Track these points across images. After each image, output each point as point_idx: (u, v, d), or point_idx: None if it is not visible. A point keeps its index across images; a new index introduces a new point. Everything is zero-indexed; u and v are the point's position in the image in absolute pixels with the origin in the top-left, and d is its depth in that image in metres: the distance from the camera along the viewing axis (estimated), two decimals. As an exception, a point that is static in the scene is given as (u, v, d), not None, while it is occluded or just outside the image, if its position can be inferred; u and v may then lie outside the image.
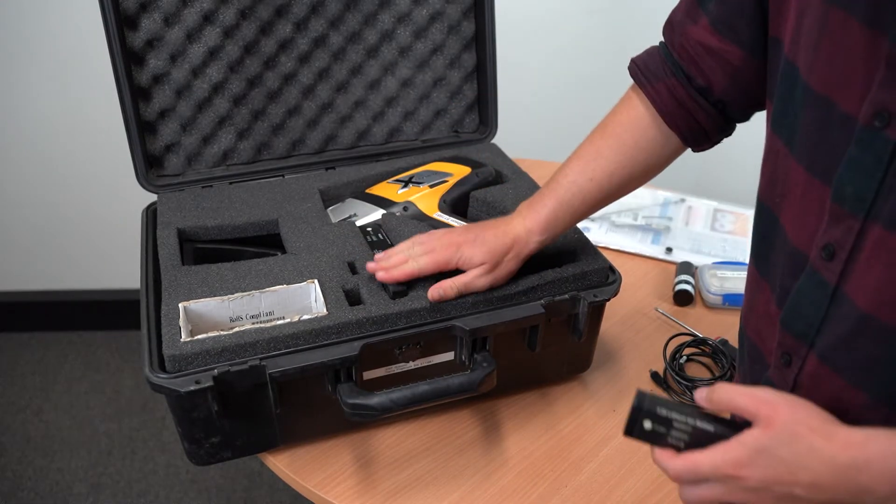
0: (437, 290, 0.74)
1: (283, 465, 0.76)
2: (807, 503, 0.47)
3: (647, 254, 1.12)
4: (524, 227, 0.75)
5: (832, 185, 0.49)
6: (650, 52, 0.73)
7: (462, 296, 0.75)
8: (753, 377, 0.62)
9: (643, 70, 0.72)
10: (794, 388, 0.54)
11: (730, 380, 0.88)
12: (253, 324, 0.74)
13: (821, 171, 0.51)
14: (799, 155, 0.53)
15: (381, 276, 0.75)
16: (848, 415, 0.49)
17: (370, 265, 0.77)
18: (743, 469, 0.48)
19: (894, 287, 0.47)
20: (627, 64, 0.77)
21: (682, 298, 1.01)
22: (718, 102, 0.67)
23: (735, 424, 0.51)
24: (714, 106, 0.67)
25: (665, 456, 0.51)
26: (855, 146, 0.47)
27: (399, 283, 0.75)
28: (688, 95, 0.68)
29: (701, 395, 0.52)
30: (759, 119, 0.70)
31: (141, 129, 0.94)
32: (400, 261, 0.75)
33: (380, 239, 0.86)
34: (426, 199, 0.92)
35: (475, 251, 0.74)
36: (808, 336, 0.52)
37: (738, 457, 0.48)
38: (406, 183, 0.95)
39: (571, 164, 0.76)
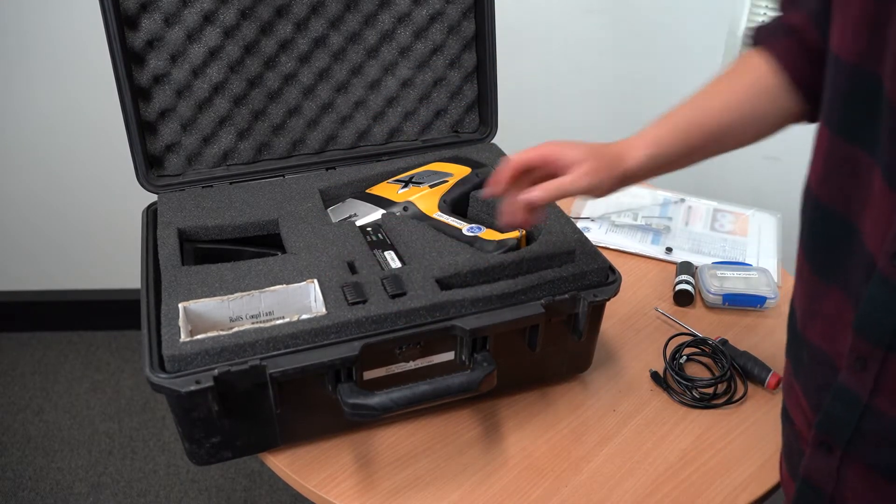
0: (536, 192, 0.67)
1: (283, 465, 0.76)
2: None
3: (647, 254, 1.12)
4: (628, 141, 0.72)
5: None
6: (771, 21, 0.71)
7: (561, 198, 0.70)
8: (818, 380, 0.60)
9: (763, 32, 0.71)
10: (875, 390, 0.53)
11: (730, 380, 0.88)
12: (252, 324, 0.74)
13: (893, 179, 0.50)
14: (883, 164, 0.52)
15: (536, 194, 0.68)
16: None
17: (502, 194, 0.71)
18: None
19: None
20: (627, 64, 0.77)
21: (682, 298, 1.01)
22: None
23: None
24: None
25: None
26: None
27: (399, 285, 0.75)
28: (815, 48, 0.64)
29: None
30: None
31: (141, 129, 0.94)
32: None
33: (380, 239, 0.86)
34: (426, 199, 0.92)
35: (578, 150, 0.69)
36: (882, 341, 0.52)
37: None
38: (406, 183, 0.95)
39: (684, 102, 0.72)
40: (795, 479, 0.64)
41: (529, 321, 0.76)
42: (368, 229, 0.88)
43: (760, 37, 0.71)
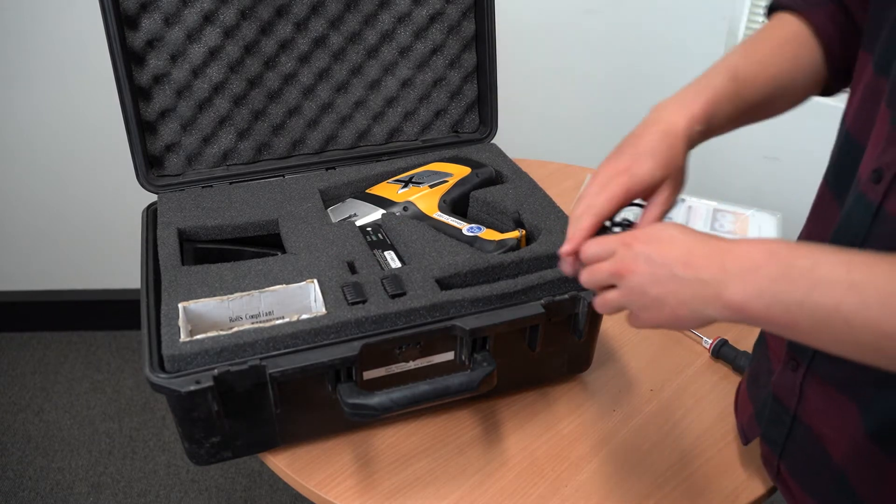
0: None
1: (283, 465, 0.76)
2: (671, 279, 0.52)
3: (647, 254, 1.12)
4: (682, 115, 0.62)
5: (894, 111, 0.50)
6: None
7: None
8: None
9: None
10: None
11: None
12: (252, 324, 0.74)
13: (892, 99, 0.51)
14: (889, 85, 0.53)
15: (565, 248, 0.61)
16: None
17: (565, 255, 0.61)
18: (630, 238, 0.55)
19: None
20: (627, 64, 0.76)
21: (682, 298, 1.01)
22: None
23: None
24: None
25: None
26: None
27: (399, 285, 0.75)
28: (847, 23, 0.64)
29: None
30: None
31: (141, 129, 0.94)
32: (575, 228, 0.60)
33: (380, 239, 0.86)
34: (426, 199, 0.92)
35: (649, 166, 0.60)
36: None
37: (627, 235, 0.55)
38: (406, 183, 0.95)
39: (723, 60, 0.66)
40: (755, 398, 0.70)
41: (529, 321, 0.76)
42: (368, 229, 0.88)
43: (794, 2, 0.68)
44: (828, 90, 0.70)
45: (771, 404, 0.67)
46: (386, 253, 0.84)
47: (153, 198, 0.95)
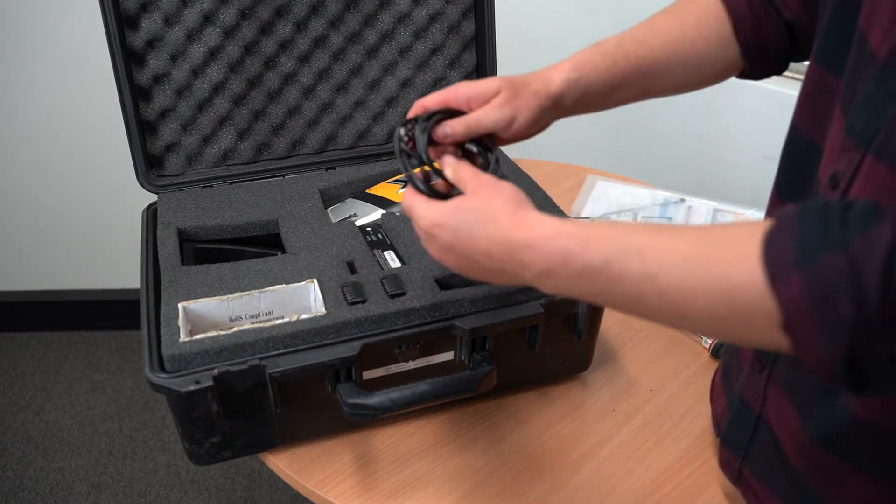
0: (442, 129, 0.64)
1: (283, 464, 0.76)
2: (482, 269, 0.55)
3: (647, 254, 1.12)
4: (550, 67, 0.67)
5: (847, 117, 0.50)
6: None
7: (472, 135, 0.64)
8: None
9: None
10: None
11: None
12: (252, 324, 0.74)
13: (845, 104, 0.52)
14: (841, 87, 0.53)
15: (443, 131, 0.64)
16: None
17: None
18: (436, 228, 0.57)
19: None
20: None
21: (682, 298, 1.01)
22: (788, 23, 0.65)
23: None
24: (785, 26, 0.65)
25: (408, 194, 0.61)
26: (872, 82, 0.48)
27: (399, 285, 0.75)
28: (764, 9, 0.65)
29: (448, 161, 0.61)
30: (758, 120, 0.70)
31: (141, 129, 0.94)
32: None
33: (379, 238, 0.86)
34: (426, 199, 0.91)
35: (488, 81, 0.64)
36: None
37: (436, 217, 0.57)
38: (406, 183, 0.95)
39: (620, 33, 0.69)
40: (728, 392, 0.71)
41: (529, 321, 0.76)
42: (368, 229, 0.88)
43: None
44: (748, 73, 0.69)
45: (737, 406, 0.67)
46: (386, 253, 0.84)
47: (153, 198, 0.95)
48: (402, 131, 0.64)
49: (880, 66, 0.48)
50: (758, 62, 0.68)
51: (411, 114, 0.66)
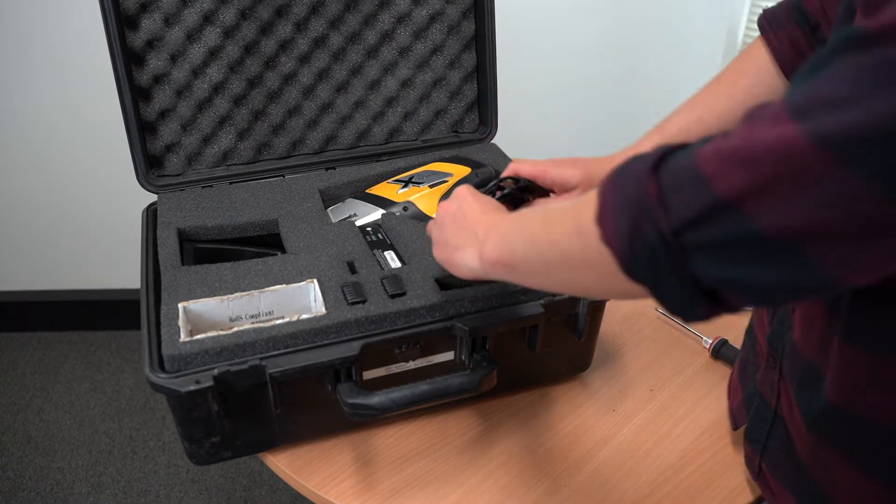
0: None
1: (283, 464, 0.76)
2: (462, 227, 0.64)
3: (647, 254, 1.12)
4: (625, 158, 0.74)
5: None
6: (781, 4, 0.71)
7: None
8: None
9: (768, 18, 0.70)
10: (793, 308, 0.61)
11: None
12: (252, 324, 0.74)
13: None
14: None
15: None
16: None
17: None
18: (442, 212, 0.68)
19: None
20: (627, 64, 0.77)
21: (682, 298, 1.01)
22: None
23: None
24: None
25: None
26: None
27: (399, 285, 0.75)
28: (809, 46, 0.66)
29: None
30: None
31: (141, 129, 0.94)
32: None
33: (379, 239, 0.86)
34: (426, 200, 0.92)
35: (573, 171, 0.74)
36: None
37: (444, 206, 0.68)
38: (406, 183, 0.95)
39: (682, 106, 0.74)
40: (745, 386, 0.73)
41: (529, 321, 0.76)
42: (368, 229, 0.88)
43: (763, 25, 0.70)
44: None
45: (757, 402, 0.69)
46: (386, 253, 0.84)
47: (153, 198, 0.95)
48: (492, 185, 0.77)
49: None
50: None
51: (505, 174, 0.78)
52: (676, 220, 0.41)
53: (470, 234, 0.62)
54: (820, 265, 0.38)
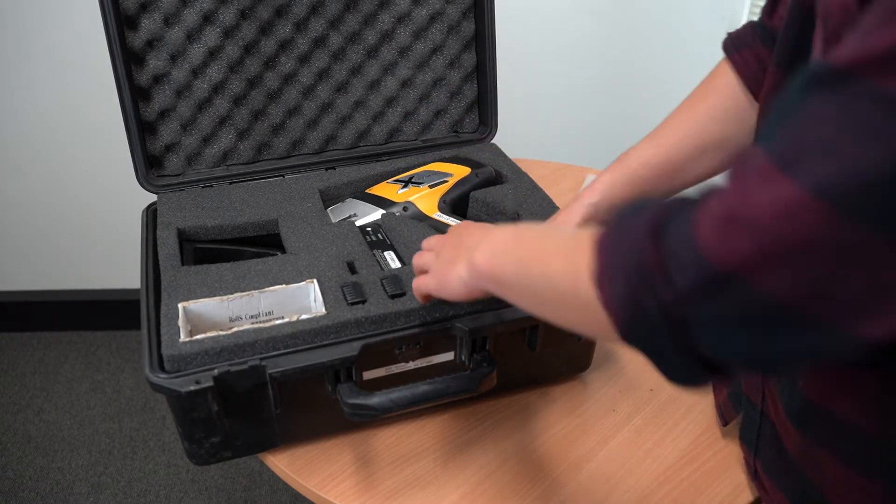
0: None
1: (283, 464, 0.76)
2: (456, 244, 0.62)
3: (647, 254, 1.12)
4: (575, 199, 0.73)
5: None
6: (745, 24, 0.71)
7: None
8: None
9: (733, 40, 0.70)
10: None
11: None
12: (252, 324, 0.74)
13: None
14: None
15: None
16: None
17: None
18: (437, 240, 0.66)
19: None
20: (628, 64, 0.77)
21: (682, 298, 1.01)
22: None
23: None
24: None
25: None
26: None
27: (399, 285, 0.75)
28: (769, 55, 0.65)
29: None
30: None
31: (141, 129, 0.94)
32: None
33: (379, 239, 0.86)
34: (426, 200, 0.92)
35: None
36: None
37: (438, 237, 0.67)
38: (406, 183, 0.95)
39: (645, 137, 0.73)
40: (728, 383, 0.73)
41: (529, 321, 0.76)
42: (368, 229, 0.88)
43: (728, 46, 0.70)
44: None
45: (745, 403, 0.69)
46: (386, 253, 0.84)
47: (153, 198, 0.95)
48: None
49: None
50: None
51: None
52: (678, 294, 0.38)
53: (464, 249, 0.60)
54: (838, 327, 0.35)
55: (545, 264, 0.50)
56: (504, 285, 0.55)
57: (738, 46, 0.68)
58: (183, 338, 0.69)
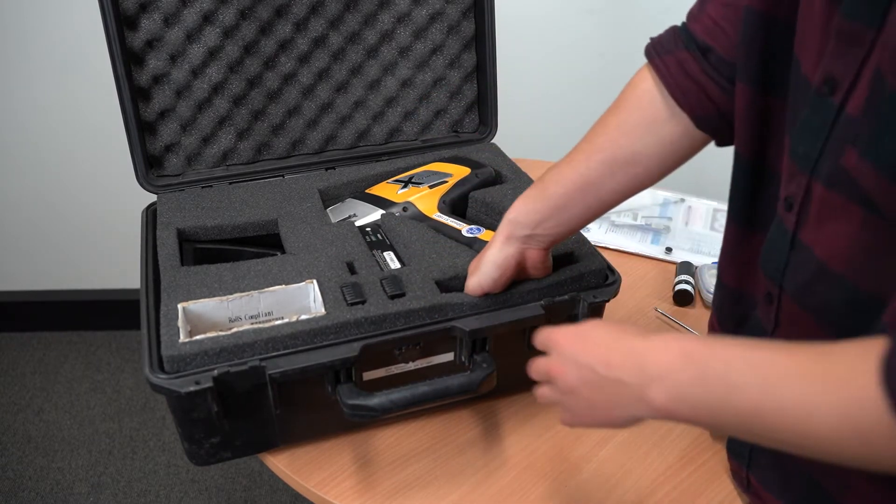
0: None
1: (283, 465, 0.76)
2: (597, 384, 0.53)
3: (647, 254, 1.12)
4: (503, 232, 0.72)
5: (790, 142, 0.54)
6: (667, 30, 0.70)
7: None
8: (734, 318, 0.68)
9: (655, 45, 0.68)
10: (776, 325, 0.59)
11: None
12: (252, 324, 0.74)
13: (791, 129, 0.55)
14: (787, 112, 0.56)
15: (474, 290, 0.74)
16: None
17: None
18: (562, 338, 0.57)
19: (839, 240, 0.50)
20: (628, 64, 0.76)
21: (682, 298, 1.01)
22: (732, 79, 0.63)
23: None
24: (731, 82, 0.63)
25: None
26: (809, 108, 0.51)
27: (399, 286, 0.75)
28: (700, 70, 0.64)
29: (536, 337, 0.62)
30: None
31: (141, 129, 0.94)
32: None
33: (379, 239, 0.86)
34: (426, 200, 0.92)
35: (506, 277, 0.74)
36: (776, 278, 0.57)
37: (565, 330, 0.58)
38: (406, 183, 0.95)
39: (564, 157, 0.72)
40: None
41: (529, 322, 0.76)
42: (368, 229, 0.88)
43: (650, 52, 0.68)
44: (724, 139, 0.67)
45: None
46: (385, 253, 0.84)
47: (153, 198, 0.95)
48: None
49: (813, 94, 0.50)
50: (712, 125, 0.66)
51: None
52: None
53: (621, 388, 0.51)
54: None
55: (777, 414, 0.44)
56: (698, 424, 0.50)
57: (660, 52, 0.66)
58: (182, 338, 0.69)
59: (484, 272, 0.73)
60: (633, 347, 0.52)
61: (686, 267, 1.06)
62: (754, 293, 0.63)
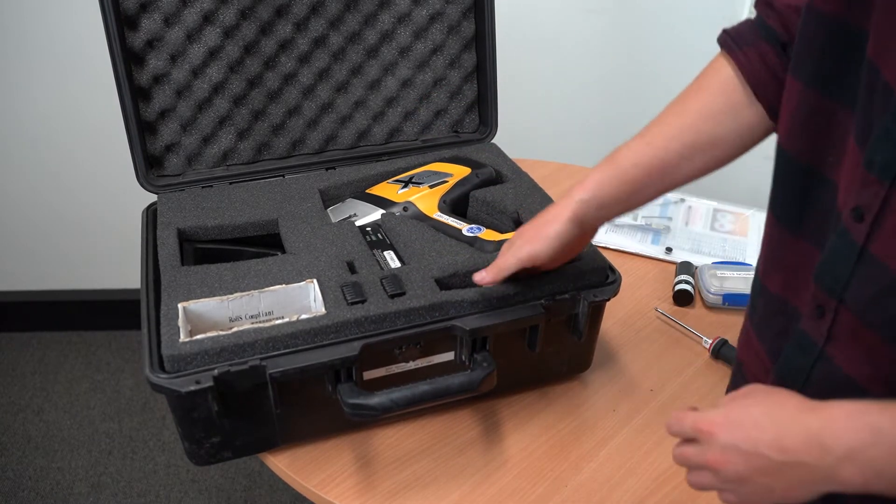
0: (473, 277, 0.75)
1: (283, 465, 0.76)
2: (772, 470, 0.49)
3: (647, 254, 1.12)
4: (567, 195, 0.70)
5: (865, 150, 0.50)
6: (744, 22, 0.68)
7: (499, 278, 0.75)
8: (775, 327, 0.63)
9: (733, 36, 0.67)
10: (829, 339, 0.56)
11: None
12: (252, 324, 0.74)
13: (862, 136, 0.51)
14: (856, 119, 0.53)
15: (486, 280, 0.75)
16: (881, 369, 0.51)
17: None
18: (709, 426, 0.53)
19: None
20: (628, 64, 0.76)
21: (682, 298, 1.01)
22: None
23: None
24: None
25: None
26: (890, 117, 0.47)
27: (399, 285, 0.75)
28: (780, 64, 0.63)
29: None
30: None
31: (141, 129, 0.94)
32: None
33: (379, 239, 0.86)
34: (426, 200, 0.92)
35: (549, 252, 0.72)
36: (835, 291, 0.54)
37: (704, 421, 0.53)
38: (406, 183, 0.95)
39: (637, 134, 0.71)
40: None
41: (529, 321, 0.76)
42: (368, 229, 0.88)
43: (727, 42, 0.68)
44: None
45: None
46: (385, 253, 0.84)
47: (153, 198, 0.95)
48: None
49: None
50: None
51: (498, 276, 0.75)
52: None
53: (803, 471, 0.48)
54: None
55: None
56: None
57: (741, 44, 0.66)
58: (183, 338, 0.69)
59: (545, 245, 0.70)
60: (807, 428, 0.48)
61: (686, 267, 1.06)
62: (798, 304, 0.60)
